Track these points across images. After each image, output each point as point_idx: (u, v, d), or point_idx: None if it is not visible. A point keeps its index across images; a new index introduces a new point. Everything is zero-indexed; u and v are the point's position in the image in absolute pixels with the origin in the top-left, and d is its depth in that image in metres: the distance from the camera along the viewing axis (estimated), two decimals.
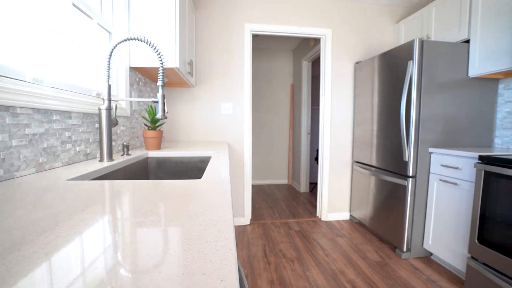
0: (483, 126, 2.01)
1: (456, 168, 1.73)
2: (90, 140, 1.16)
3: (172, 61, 1.65)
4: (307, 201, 3.44)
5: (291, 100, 4.37)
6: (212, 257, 0.31)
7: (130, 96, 1.68)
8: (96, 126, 1.22)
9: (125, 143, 1.32)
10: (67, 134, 0.98)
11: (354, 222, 2.73)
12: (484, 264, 1.50)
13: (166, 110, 1.16)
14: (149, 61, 1.63)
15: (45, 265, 0.29)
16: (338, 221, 2.75)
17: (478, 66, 1.86)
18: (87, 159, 1.13)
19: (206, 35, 2.51)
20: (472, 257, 1.57)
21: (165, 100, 1.15)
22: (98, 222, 0.42)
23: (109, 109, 1.10)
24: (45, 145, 0.87)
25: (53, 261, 0.29)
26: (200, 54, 2.52)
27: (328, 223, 2.70)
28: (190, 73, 2.12)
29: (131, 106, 1.68)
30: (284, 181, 4.47)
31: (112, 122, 1.16)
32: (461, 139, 1.99)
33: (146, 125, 1.62)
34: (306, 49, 3.68)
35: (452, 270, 1.84)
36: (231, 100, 2.57)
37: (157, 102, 1.14)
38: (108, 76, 1.07)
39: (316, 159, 3.48)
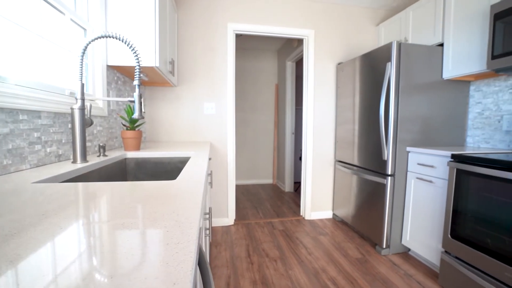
0: (457, 126, 2.10)
1: (431, 166, 1.80)
2: (63, 141, 1.11)
3: (151, 60, 1.62)
4: (292, 200, 3.47)
5: (276, 100, 4.39)
6: (170, 260, 0.30)
7: (108, 96, 1.63)
8: (70, 126, 1.17)
9: (101, 144, 1.28)
10: (35, 134, 0.94)
11: (337, 221, 2.78)
12: (456, 257, 1.56)
13: (143, 110, 1.14)
14: (127, 59, 1.59)
15: (11, 274, 0.27)
16: (321, 220, 2.79)
17: (451, 69, 1.94)
18: (59, 161, 1.08)
19: (188, 34, 2.47)
20: (446, 251, 1.63)
21: (142, 99, 1.13)
22: (60, 226, 0.40)
23: (82, 108, 1.06)
24: (10, 147, 0.83)
25: (20, 269, 0.28)
26: (183, 54, 2.48)
27: (312, 222, 2.73)
28: (172, 73, 2.08)
29: (108, 105, 1.63)
30: (269, 180, 4.48)
31: (86, 122, 1.12)
32: (436, 138, 2.07)
33: (124, 125, 1.58)
34: (290, 50, 3.71)
35: (428, 264, 1.91)
36: (214, 100, 2.55)
37: (133, 101, 1.11)
38: (81, 74, 1.03)
39: (301, 158, 3.52)
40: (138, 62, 1.07)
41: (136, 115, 1.12)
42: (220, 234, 2.42)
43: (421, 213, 1.89)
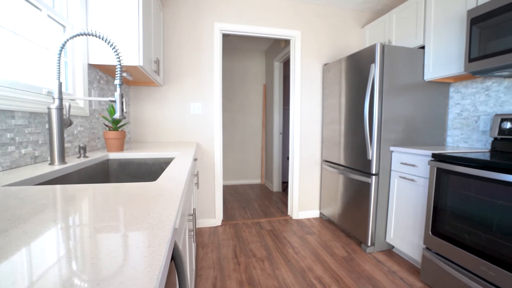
0: (438, 126, 2.17)
1: (413, 165, 1.84)
2: (40, 142, 1.07)
3: (135, 59, 1.58)
4: (280, 200, 3.49)
5: (264, 100, 4.40)
6: (137, 264, 0.29)
7: (90, 95, 1.58)
8: (47, 127, 1.13)
9: (81, 145, 1.24)
10: (8, 135, 0.90)
11: (323, 220, 2.81)
12: (437, 253, 1.61)
13: (125, 110, 1.11)
14: (109, 58, 1.55)
15: None
16: (308, 219, 2.82)
17: (432, 71, 2.00)
18: (35, 163, 1.04)
19: (174, 33, 2.44)
20: (427, 248, 1.68)
21: (124, 99, 1.10)
22: (30, 231, 0.39)
23: (60, 108, 1.02)
24: None
25: None
26: (168, 53, 2.45)
27: (299, 221, 2.75)
28: (157, 72, 2.05)
29: (90, 105, 1.59)
30: (257, 180, 4.49)
31: (65, 123, 1.08)
32: (419, 138, 2.13)
33: (107, 125, 1.54)
34: (278, 50, 3.73)
35: (411, 261, 1.96)
36: (201, 100, 2.53)
37: (114, 101, 1.09)
38: (59, 73, 1.00)
39: (289, 158, 3.53)
40: (120, 61, 1.05)
41: (117, 115, 1.09)
42: (208, 235, 2.40)
43: (404, 211, 1.94)
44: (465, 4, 1.72)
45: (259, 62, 4.39)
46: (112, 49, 1.03)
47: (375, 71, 1.98)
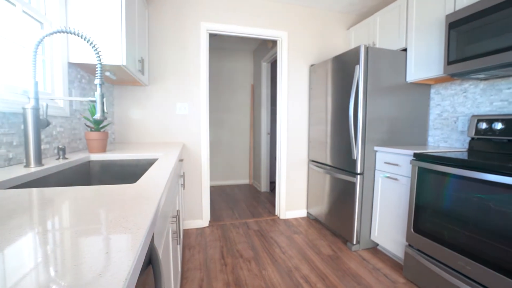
0: (420, 126, 2.23)
1: (396, 164, 1.89)
2: (14, 143, 1.03)
3: (118, 58, 1.55)
4: (267, 200, 3.50)
5: (252, 101, 4.40)
6: (103, 271, 0.29)
7: (70, 95, 1.53)
8: (23, 128, 1.09)
9: (60, 146, 1.20)
10: None
11: (310, 219, 2.84)
12: (418, 250, 1.66)
13: (105, 110, 1.08)
14: (91, 57, 1.51)
15: None
16: (296, 219, 2.84)
17: (414, 73, 2.06)
18: (9, 165, 1.00)
19: (160, 32, 2.40)
20: (409, 245, 1.73)
21: (104, 99, 1.07)
22: None
23: (36, 108, 0.99)
24: None
25: None
26: (154, 52, 2.41)
27: (286, 221, 2.77)
28: (141, 72, 2.01)
29: (71, 105, 1.54)
30: (245, 181, 4.48)
31: (42, 123, 1.04)
32: (402, 138, 2.18)
33: (88, 126, 1.50)
34: (265, 51, 3.74)
35: (394, 258, 2.01)
36: (187, 100, 2.50)
37: (94, 101, 1.06)
38: (35, 71, 0.96)
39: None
40: (100, 59, 1.02)
41: (98, 115, 1.07)
42: (194, 236, 2.38)
43: (387, 209, 1.98)
44: (444, 9, 1.78)
45: (247, 62, 4.39)
46: (92, 47, 1.00)
47: (359, 72, 2.02)
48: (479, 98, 1.84)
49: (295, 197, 2.88)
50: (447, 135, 2.09)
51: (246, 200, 3.51)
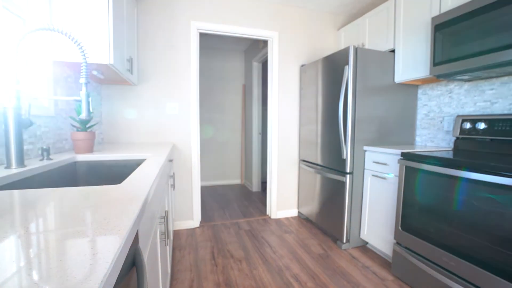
0: (408, 126, 2.27)
1: (385, 164, 1.92)
2: None
3: (105, 57, 1.52)
4: (259, 200, 3.50)
5: (243, 101, 4.40)
6: (78, 273, 0.28)
7: (55, 94, 1.50)
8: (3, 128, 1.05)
9: (44, 147, 1.17)
10: None
11: (301, 218, 2.85)
12: (406, 248, 1.69)
13: (91, 110, 1.06)
14: (77, 55, 1.48)
15: None
16: (287, 218, 2.85)
17: (401, 74, 2.09)
18: None
19: (149, 31, 2.37)
20: (397, 243, 1.76)
21: (90, 98, 1.05)
22: None
23: (18, 107, 0.96)
24: None
25: None
26: (144, 51, 2.37)
27: (277, 221, 2.78)
28: (130, 71, 1.98)
29: (56, 105, 1.50)
30: (237, 181, 4.48)
31: (24, 123, 1.01)
32: (390, 137, 2.22)
33: (74, 126, 1.47)
34: (257, 51, 3.74)
35: (383, 255, 2.04)
36: (177, 100, 2.48)
37: (80, 100, 1.04)
38: (16, 69, 0.93)
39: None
40: (85, 58, 1.00)
41: (83, 115, 1.05)
42: (185, 237, 2.36)
43: (376, 208, 2.01)
44: (430, 11, 1.82)
45: (239, 62, 4.38)
46: (77, 46, 0.98)
47: (348, 72, 2.04)
48: (464, 99, 1.89)
49: (286, 196, 2.90)
50: (433, 134, 2.13)
51: (237, 200, 3.50)
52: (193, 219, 2.59)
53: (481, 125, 1.68)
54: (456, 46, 1.55)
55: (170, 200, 1.89)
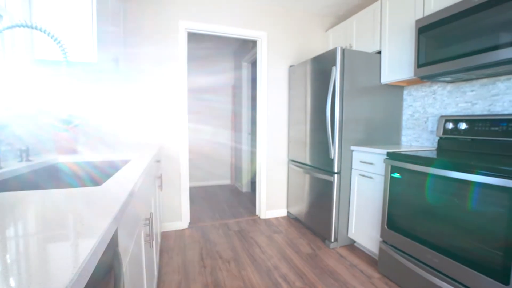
0: (394, 126, 2.32)
1: (371, 163, 1.95)
2: None
3: (89, 55, 1.48)
4: (248, 200, 3.50)
5: (233, 101, 4.39)
6: (45, 279, 0.27)
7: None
8: None
9: (23, 147, 1.13)
10: None
11: (291, 218, 2.87)
12: (392, 246, 1.72)
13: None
14: (60, 54, 1.44)
15: None
16: (276, 218, 2.86)
17: (387, 75, 2.13)
18: None
19: (137, 30, 2.33)
20: (383, 241, 1.79)
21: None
22: None
23: None
24: None
25: None
26: (130, 50, 2.33)
27: (267, 221, 2.78)
28: (116, 70, 1.94)
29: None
30: (227, 181, 4.46)
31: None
32: (377, 137, 2.26)
33: (56, 126, 1.42)
34: (246, 51, 3.74)
35: (370, 254, 2.08)
36: (165, 100, 2.45)
37: None
38: None
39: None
40: (66, 57, 0.98)
41: (65, 115, 1.02)
42: (173, 239, 2.33)
43: (363, 207, 2.04)
44: (414, 14, 1.86)
45: (228, 62, 4.37)
46: (57, 44, 0.95)
47: (336, 73, 2.07)
48: (446, 100, 1.94)
49: (276, 196, 2.90)
50: (418, 134, 2.18)
51: (227, 200, 3.49)
52: (181, 220, 2.56)
53: (463, 125, 1.73)
54: (439, 48, 1.60)
55: (157, 202, 1.87)
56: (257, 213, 2.93)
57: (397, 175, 1.64)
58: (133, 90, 2.36)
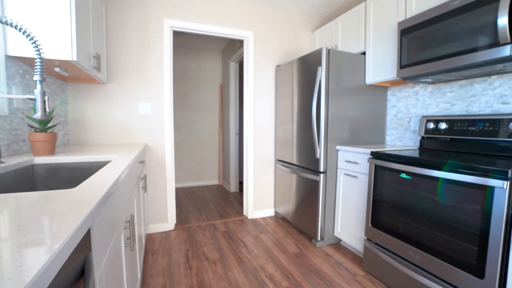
0: (378, 126, 2.36)
1: (356, 163, 1.98)
2: None
3: (67, 52, 1.43)
4: (236, 200, 3.48)
5: (220, 100, 4.36)
6: None
7: (10, 92, 1.39)
8: None
9: None
10: None
11: (278, 218, 2.88)
12: (376, 244, 1.75)
13: (47, 109, 0.99)
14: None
15: None
16: (263, 218, 2.86)
17: (372, 75, 2.17)
18: None
19: (120, 28, 2.27)
20: (368, 239, 1.82)
21: (47, 97, 0.99)
22: None
23: None
24: None
25: None
26: (113, 48, 2.27)
27: (254, 221, 2.77)
28: (97, 68, 1.89)
29: (11, 103, 1.39)
30: (215, 181, 4.43)
31: None
32: (362, 137, 2.29)
33: (32, 126, 1.37)
34: (233, 50, 3.72)
35: (356, 252, 2.11)
36: (150, 99, 2.40)
37: (34, 99, 0.97)
38: None
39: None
40: (39, 53, 0.94)
41: (38, 115, 0.98)
42: (159, 241, 2.29)
43: (349, 206, 2.07)
44: (397, 16, 1.90)
45: (216, 61, 4.34)
46: (29, 39, 0.91)
47: (321, 73, 2.08)
48: (428, 100, 2.00)
49: (263, 196, 2.90)
50: (402, 134, 2.23)
51: (214, 201, 3.46)
52: (167, 222, 2.52)
53: (443, 125, 1.78)
54: (420, 50, 1.63)
55: (141, 203, 1.83)
56: (244, 213, 2.92)
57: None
58: (117, 88, 2.30)
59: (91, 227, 0.59)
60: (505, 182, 1.06)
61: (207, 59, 4.28)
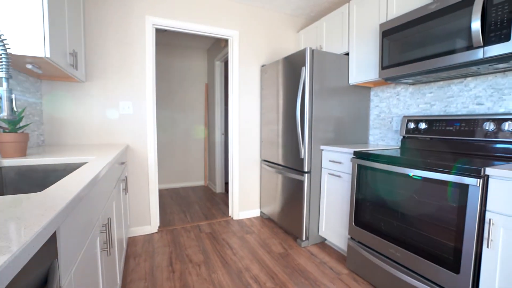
0: (362, 126, 2.40)
1: (340, 162, 2.00)
2: None
3: (39, 48, 1.35)
4: (222, 201, 3.45)
5: (206, 100, 4.31)
6: None
7: None
8: None
9: None
10: None
11: (264, 218, 2.87)
12: (359, 242, 1.78)
13: (15, 109, 0.94)
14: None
15: None
16: (249, 219, 2.84)
17: (355, 76, 2.20)
18: None
19: (99, 23, 2.19)
20: (351, 238, 1.84)
21: (14, 95, 0.93)
22: None
23: None
24: None
25: None
26: (92, 46, 2.19)
27: (240, 222, 2.75)
28: (74, 66, 1.81)
29: None
30: (200, 182, 4.37)
31: None
32: (346, 137, 2.32)
33: (1, 127, 1.29)
34: (219, 49, 3.68)
35: (340, 251, 2.13)
36: (131, 99, 2.33)
37: None
38: None
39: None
40: (4, 48, 0.88)
41: (4, 114, 0.92)
42: (141, 244, 2.23)
43: (333, 205, 2.09)
44: (378, 18, 1.93)
45: (201, 60, 4.28)
46: None
47: (305, 74, 2.09)
48: (409, 101, 2.05)
49: (248, 197, 2.89)
50: (384, 134, 2.28)
51: (200, 202, 3.41)
52: (150, 225, 2.45)
53: (423, 125, 1.83)
54: (401, 51, 1.67)
55: (121, 206, 1.77)
56: (230, 214, 2.89)
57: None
58: (96, 87, 2.22)
59: (57, 232, 0.55)
60: (478, 180, 1.09)
61: (192, 58, 4.21)
